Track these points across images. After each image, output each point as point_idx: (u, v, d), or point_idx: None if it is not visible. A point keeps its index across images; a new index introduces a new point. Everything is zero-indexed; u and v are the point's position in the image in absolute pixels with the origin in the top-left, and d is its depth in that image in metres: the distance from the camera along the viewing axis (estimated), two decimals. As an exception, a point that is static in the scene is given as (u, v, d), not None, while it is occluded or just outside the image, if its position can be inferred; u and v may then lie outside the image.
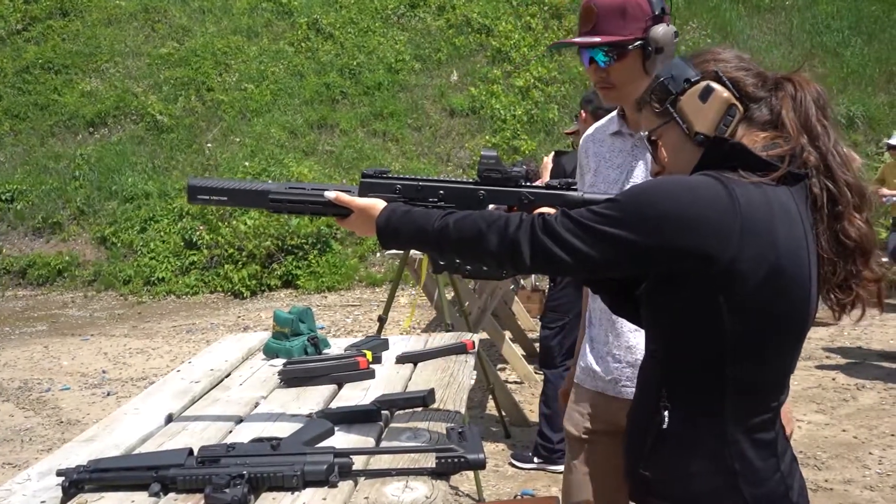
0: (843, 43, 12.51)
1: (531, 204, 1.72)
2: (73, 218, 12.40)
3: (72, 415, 6.09)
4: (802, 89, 1.44)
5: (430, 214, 1.56)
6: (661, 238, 1.33)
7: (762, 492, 1.41)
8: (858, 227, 1.40)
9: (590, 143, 2.31)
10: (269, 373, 2.65)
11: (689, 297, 1.38)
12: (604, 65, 2.05)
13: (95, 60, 14.23)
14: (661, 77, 1.51)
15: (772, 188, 1.36)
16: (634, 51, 2.04)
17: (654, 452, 1.48)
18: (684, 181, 1.38)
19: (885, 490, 4.07)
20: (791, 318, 1.40)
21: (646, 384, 1.54)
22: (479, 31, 13.59)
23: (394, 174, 1.80)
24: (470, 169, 11.89)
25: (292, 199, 1.81)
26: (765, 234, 1.33)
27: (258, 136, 12.73)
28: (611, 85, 2.09)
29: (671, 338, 1.45)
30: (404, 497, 1.61)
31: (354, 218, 1.73)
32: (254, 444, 1.77)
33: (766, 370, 1.40)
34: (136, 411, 2.31)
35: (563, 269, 1.43)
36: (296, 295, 10.73)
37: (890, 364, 6.17)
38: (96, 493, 1.70)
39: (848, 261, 1.41)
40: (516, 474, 4.47)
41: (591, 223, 1.37)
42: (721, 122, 1.43)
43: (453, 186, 1.76)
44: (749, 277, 1.33)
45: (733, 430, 1.40)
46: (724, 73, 1.45)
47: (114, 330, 9.25)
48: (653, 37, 2.03)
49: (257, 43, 14.12)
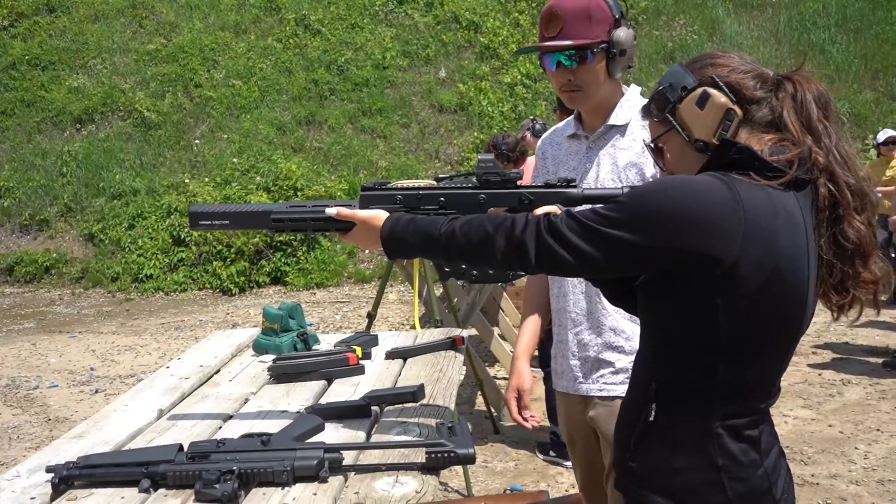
0: (829, 40, 12.58)
1: (531, 204, 1.74)
2: (61, 215, 12.34)
3: (60, 412, 6.06)
4: (802, 88, 1.44)
5: (435, 221, 1.57)
6: (663, 239, 1.33)
7: (745, 487, 1.42)
8: (858, 229, 1.39)
9: (547, 146, 2.40)
10: (259, 369, 2.65)
11: (686, 296, 1.38)
12: (572, 67, 2.11)
13: (82, 57, 14.16)
14: (660, 86, 1.51)
15: (778, 192, 1.36)
16: (599, 53, 2.11)
17: (640, 445, 1.50)
18: (689, 182, 1.37)
19: (871, 484, 4.11)
20: (786, 323, 1.41)
21: (637, 377, 1.55)
22: (467, 28, 13.59)
23: (392, 185, 1.82)
24: (458, 165, 11.90)
25: (294, 218, 1.83)
26: (767, 238, 1.33)
27: (246, 133, 12.70)
28: (577, 87, 2.15)
29: (665, 334, 1.46)
30: (394, 492, 1.61)
31: (357, 231, 1.74)
32: (244, 440, 1.77)
33: (756, 372, 1.41)
34: (126, 408, 2.31)
35: (568, 270, 1.44)
36: (284, 291, 10.72)
37: (876, 360, 6.21)
38: (86, 489, 1.70)
39: (846, 263, 1.41)
40: (505, 470, 4.48)
41: (595, 225, 1.37)
42: (720, 128, 1.43)
43: (453, 193, 1.78)
44: (749, 281, 1.33)
45: (718, 427, 1.41)
46: (721, 78, 1.45)
47: (102, 327, 9.22)
48: (615, 39, 2.10)
49: (245, 39, 14.08)
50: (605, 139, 2.23)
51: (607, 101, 2.22)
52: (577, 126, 2.30)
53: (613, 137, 2.21)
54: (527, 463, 4.57)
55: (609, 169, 2.19)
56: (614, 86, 2.22)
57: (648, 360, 1.51)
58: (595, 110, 2.24)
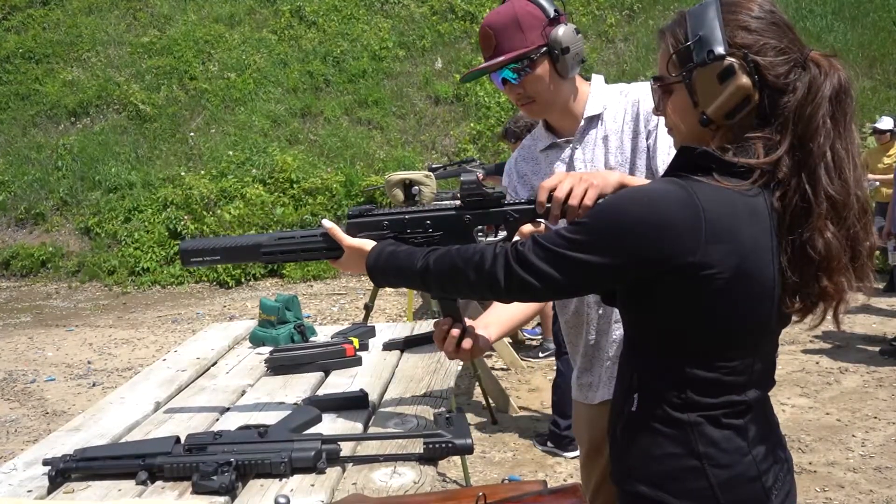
0: (826, 28, 12.56)
1: (516, 221, 1.75)
2: (57, 208, 12.31)
3: (57, 405, 6.06)
4: (825, 79, 1.37)
5: (413, 256, 1.60)
6: (627, 255, 1.35)
7: (729, 475, 1.42)
8: (827, 240, 1.34)
9: (522, 165, 2.28)
10: (256, 361, 2.65)
11: (657, 296, 1.40)
12: (516, 81, 2.02)
13: (77, 49, 14.11)
14: (689, 30, 1.40)
15: (741, 192, 1.35)
16: (541, 58, 2.01)
17: (624, 435, 1.51)
18: (645, 191, 1.37)
19: (868, 472, 4.12)
20: (753, 318, 1.40)
21: (622, 369, 1.57)
22: (463, 18, 13.55)
23: (378, 210, 1.82)
24: (455, 156, 11.87)
25: (284, 250, 1.86)
26: (729, 238, 1.33)
27: (241, 125, 12.66)
28: (530, 99, 2.07)
29: (640, 329, 1.48)
30: (392, 482, 1.61)
31: (346, 259, 1.79)
32: (241, 432, 1.77)
33: (728, 366, 1.41)
34: (122, 401, 2.30)
35: (539, 296, 1.47)
36: (281, 284, 10.71)
37: (873, 348, 6.22)
38: (83, 481, 1.70)
39: (809, 271, 1.37)
40: (503, 460, 4.49)
41: (561, 249, 1.39)
42: (733, 110, 1.37)
43: (439, 216, 1.79)
44: (713, 281, 1.34)
45: (696, 416, 1.42)
46: (753, 53, 1.36)
47: (98, 320, 9.21)
48: (554, 39, 1.99)
49: (239, 31, 14.03)
50: (588, 133, 2.15)
51: (570, 101, 2.13)
52: (551, 137, 2.20)
53: (595, 128, 2.14)
54: (525, 453, 4.57)
55: (614, 152, 2.11)
56: (571, 84, 2.12)
57: (629, 353, 1.53)
58: (562, 115, 2.15)
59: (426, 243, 1.76)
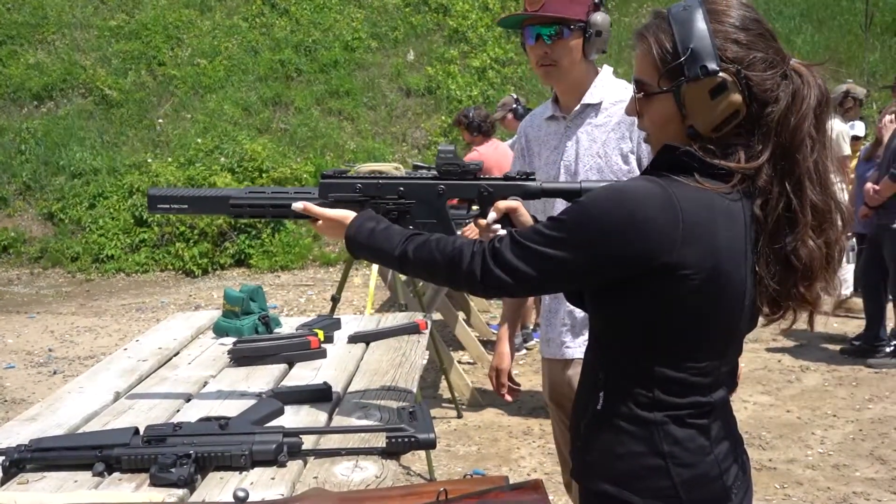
0: (794, 30, 12.69)
1: (490, 196, 1.76)
2: (19, 193, 12.09)
3: (16, 393, 5.97)
4: (808, 91, 1.36)
5: (392, 237, 1.60)
6: (604, 253, 1.35)
7: (692, 473, 1.43)
8: (811, 249, 1.36)
9: (528, 129, 2.51)
10: (219, 351, 2.62)
11: (628, 294, 1.40)
12: (550, 41, 2.21)
13: (42, 31, 13.83)
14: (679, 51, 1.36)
15: (720, 195, 1.35)
16: (577, 32, 2.21)
17: (589, 433, 1.51)
18: (623, 189, 1.37)
19: (826, 469, 4.18)
20: (722, 321, 1.42)
21: (587, 366, 1.57)
22: (436, 11, 13.51)
23: (353, 172, 1.82)
24: (425, 149, 11.85)
25: (253, 204, 1.83)
26: (705, 239, 1.33)
27: (211, 113, 12.52)
28: (552, 62, 2.25)
29: (609, 326, 1.48)
30: (354, 476, 1.60)
31: (323, 225, 1.77)
32: (201, 424, 1.75)
33: (695, 367, 1.42)
34: (81, 390, 2.27)
35: (514, 292, 1.50)
36: (248, 274, 10.62)
37: (834, 347, 6.32)
38: (38, 472, 1.66)
39: (789, 279, 1.39)
40: (468, 454, 4.49)
41: (538, 247, 1.39)
42: (721, 124, 1.36)
43: (413, 183, 1.79)
44: (688, 281, 1.34)
45: (661, 416, 1.42)
46: (745, 69, 1.35)
47: (61, 308, 9.07)
48: (593, 21, 2.21)
49: (210, 17, 13.85)
50: (582, 118, 2.34)
51: (581, 81, 2.32)
52: (555, 108, 2.40)
53: (589, 116, 2.33)
54: (489, 447, 4.58)
55: (587, 146, 2.30)
56: (589, 67, 2.32)
57: (596, 350, 1.53)
58: (570, 90, 2.34)
59: (397, 210, 1.77)
